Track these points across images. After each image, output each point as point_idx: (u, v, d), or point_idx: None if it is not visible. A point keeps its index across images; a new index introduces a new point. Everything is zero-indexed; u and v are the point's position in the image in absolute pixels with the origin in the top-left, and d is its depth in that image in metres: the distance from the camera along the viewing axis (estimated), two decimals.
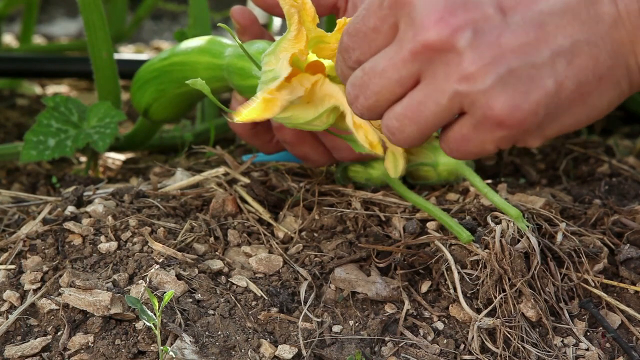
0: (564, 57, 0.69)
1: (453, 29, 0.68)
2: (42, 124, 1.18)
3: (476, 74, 0.68)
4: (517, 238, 0.94)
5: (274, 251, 0.99)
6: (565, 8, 0.68)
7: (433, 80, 0.70)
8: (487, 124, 0.70)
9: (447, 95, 0.70)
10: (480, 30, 0.68)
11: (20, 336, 0.89)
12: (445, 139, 0.75)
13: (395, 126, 0.73)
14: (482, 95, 0.69)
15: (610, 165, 1.25)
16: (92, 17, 1.19)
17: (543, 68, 0.68)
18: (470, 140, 0.73)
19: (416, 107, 0.71)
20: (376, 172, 1.06)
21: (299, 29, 0.82)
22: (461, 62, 0.68)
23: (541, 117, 0.70)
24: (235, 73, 0.98)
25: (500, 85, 0.68)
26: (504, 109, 0.69)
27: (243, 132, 1.06)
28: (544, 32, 0.68)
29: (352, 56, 0.75)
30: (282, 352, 0.86)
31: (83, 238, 0.97)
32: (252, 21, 1.04)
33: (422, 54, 0.69)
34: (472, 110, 0.70)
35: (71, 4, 2.86)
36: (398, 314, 0.92)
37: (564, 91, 0.69)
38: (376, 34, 0.73)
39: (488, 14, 0.68)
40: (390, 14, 0.71)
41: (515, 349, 0.89)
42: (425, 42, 0.69)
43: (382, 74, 0.72)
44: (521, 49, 0.68)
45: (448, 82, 0.69)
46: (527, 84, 0.68)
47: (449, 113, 0.71)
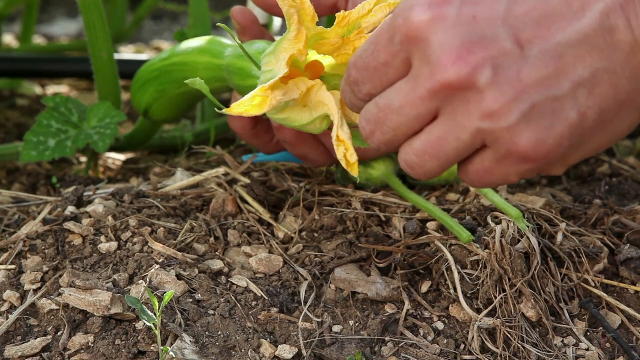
0: (585, 87, 0.68)
1: (472, 67, 0.67)
2: (42, 124, 1.18)
3: (499, 111, 0.67)
4: (517, 238, 0.94)
5: (274, 251, 0.99)
6: (583, 38, 0.68)
7: (453, 116, 0.69)
8: (512, 159, 0.70)
9: (469, 131, 0.69)
10: (499, 66, 0.67)
11: (20, 336, 0.89)
12: (465, 171, 0.74)
13: (415, 162, 0.73)
14: (506, 132, 0.68)
15: (610, 165, 1.25)
16: (92, 17, 1.19)
17: (565, 100, 0.68)
18: (494, 173, 0.72)
19: (436, 143, 0.71)
20: (376, 172, 1.06)
21: (299, 28, 0.82)
22: (482, 100, 0.68)
23: (565, 148, 0.69)
24: (235, 73, 0.98)
25: (524, 121, 0.68)
26: (529, 145, 0.68)
27: (243, 132, 1.06)
28: (563, 63, 0.68)
29: (362, 89, 0.74)
30: (282, 352, 0.86)
31: (83, 238, 0.97)
32: (252, 21, 1.04)
33: (441, 92, 0.69)
34: (495, 145, 0.70)
35: (71, 4, 2.86)
36: (398, 314, 0.92)
37: (587, 121, 0.69)
38: (387, 68, 0.72)
39: (506, 48, 0.68)
40: (402, 50, 0.70)
41: (515, 348, 0.89)
42: (444, 82, 0.68)
43: (399, 111, 0.71)
44: (542, 83, 0.68)
45: (469, 119, 0.69)
46: (550, 117, 0.68)
47: (471, 148, 0.71)
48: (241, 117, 1.04)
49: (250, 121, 1.05)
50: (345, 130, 0.81)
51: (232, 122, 1.06)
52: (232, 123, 1.06)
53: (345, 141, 0.81)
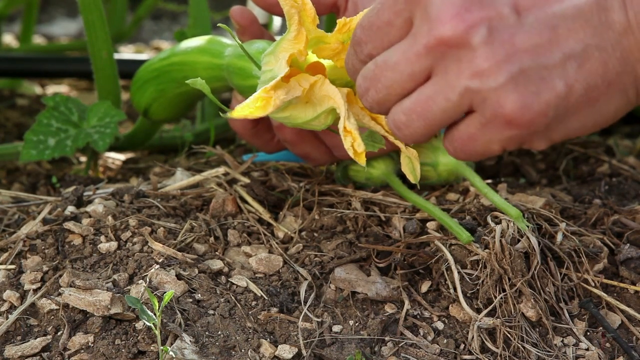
0: (575, 60, 0.70)
1: (468, 25, 0.69)
2: (42, 124, 1.18)
3: (489, 70, 0.69)
4: (517, 238, 0.94)
5: (274, 251, 0.99)
6: (578, 12, 0.69)
7: (444, 75, 0.71)
8: (496, 123, 0.71)
9: (458, 91, 0.70)
10: (494, 28, 0.69)
11: (20, 336, 0.89)
12: (451, 138, 0.75)
13: (402, 120, 0.74)
14: (493, 92, 0.69)
15: (610, 165, 1.25)
16: (92, 17, 1.19)
17: (554, 70, 0.69)
18: (477, 139, 0.73)
19: (425, 102, 0.72)
20: (376, 172, 1.06)
21: (299, 29, 0.82)
22: (474, 58, 0.69)
23: (550, 118, 0.71)
24: (235, 73, 0.98)
25: (512, 84, 0.69)
26: (515, 108, 0.70)
27: (243, 132, 1.06)
28: (556, 34, 0.69)
29: (364, 50, 0.76)
30: (282, 352, 0.86)
31: (83, 238, 0.97)
32: (251, 21, 1.04)
33: (436, 48, 0.70)
34: (481, 108, 0.71)
35: (71, 4, 2.86)
36: (398, 314, 0.92)
37: (574, 94, 0.70)
38: (390, 27, 0.74)
39: (503, 13, 0.69)
40: (406, 9, 0.72)
41: (515, 348, 0.89)
42: (440, 37, 0.70)
43: (395, 68, 0.73)
44: (534, 50, 0.69)
45: (459, 78, 0.70)
46: (538, 84, 0.69)
47: (458, 110, 0.72)
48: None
49: (251, 121, 1.05)
50: (352, 121, 0.82)
51: (232, 121, 1.06)
52: (232, 123, 1.06)
53: (353, 131, 0.82)
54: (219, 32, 1.49)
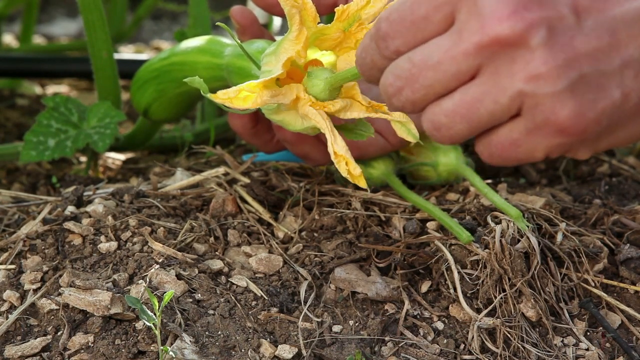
0: (633, 68, 0.66)
1: (528, 24, 0.64)
2: (42, 124, 1.18)
3: (547, 75, 0.65)
4: (517, 238, 0.94)
5: (274, 251, 0.99)
6: (638, 17, 0.66)
7: (495, 76, 0.66)
8: (546, 130, 0.67)
9: (509, 94, 0.66)
10: (554, 29, 0.65)
11: (20, 336, 0.89)
12: (487, 142, 0.70)
13: (443, 122, 0.69)
14: (549, 98, 0.65)
15: (610, 165, 1.25)
16: (92, 17, 1.19)
17: (612, 77, 0.66)
18: (520, 145, 0.69)
19: (470, 104, 0.67)
20: (376, 172, 1.06)
21: (300, 29, 0.82)
22: (532, 60, 0.65)
23: (603, 127, 0.67)
24: (234, 72, 0.98)
25: (570, 90, 0.65)
26: (570, 116, 0.66)
27: (243, 132, 1.06)
28: (616, 39, 0.66)
29: (391, 45, 0.70)
30: (282, 352, 0.86)
31: (83, 238, 0.97)
32: (251, 21, 1.03)
33: (489, 47, 0.65)
34: (531, 113, 0.67)
35: (71, 4, 2.86)
36: (398, 314, 0.92)
37: (628, 103, 0.67)
38: (426, 23, 0.68)
39: (563, 13, 0.65)
40: (448, 2, 0.67)
41: (515, 348, 0.89)
42: (496, 35, 0.65)
43: (437, 67, 0.67)
44: (594, 55, 0.66)
45: (513, 80, 0.66)
46: (596, 92, 0.66)
47: (506, 114, 0.68)
48: (241, 116, 1.04)
49: (251, 120, 1.05)
50: (340, 143, 0.80)
51: (232, 121, 1.06)
52: (232, 122, 1.06)
53: (344, 155, 0.80)
54: (219, 32, 1.49)
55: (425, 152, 1.07)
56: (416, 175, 1.09)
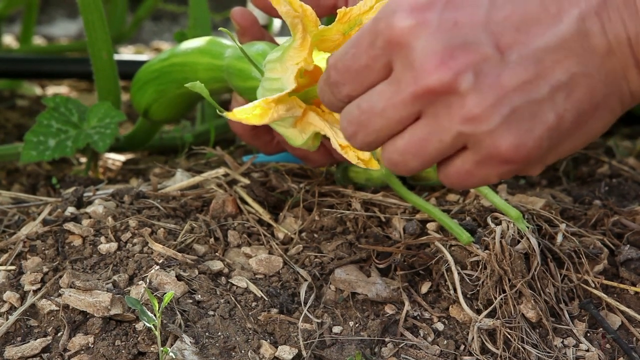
0: (563, 90, 0.70)
1: (454, 73, 0.68)
2: (42, 125, 1.18)
3: (481, 115, 0.69)
4: (517, 239, 0.94)
5: (274, 252, 0.99)
6: (560, 43, 0.69)
7: (435, 119, 0.71)
8: (492, 162, 0.71)
9: (451, 134, 0.70)
10: (480, 71, 0.68)
11: (20, 337, 0.89)
12: (446, 173, 0.75)
13: (398, 160, 0.74)
14: (487, 135, 0.69)
15: (610, 166, 1.25)
16: (92, 18, 1.19)
17: (544, 103, 0.69)
18: (474, 174, 0.73)
19: (419, 144, 0.72)
20: (376, 173, 1.06)
21: (304, 37, 0.82)
22: (464, 105, 0.69)
23: (544, 149, 0.71)
24: (235, 74, 0.98)
25: (505, 125, 0.69)
26: (510, 148, 0.70)
27: (243, 133, 1.06)
28: (542, 68, 0.69)
29: (342, 91, 0.75)
30: (282, 353, 0.86)
31: (83, 239, 0.97)
32: (252, 22, 1.04)
33: (424, 96, 0.70)
34: (476, 148, 0.71)
35: (71, 5, 2.86)
36: (398, 315, 0.92)
37: (565, 123, 0.70)
38: (368, 71, 0.73)
39: (487, 54, 0.69)
40: (384, 54, 0.71)
41: (515, 349, 0.89)
42: (427, 87, 0.69)
43: (382, 114, 0.72)
44: (522, 87, 0.69)
45: (451, 123, 0.70)
46: (530, 120, 0.69)
47: (452, 149, 0.72)
48: None
49: None
50: (342, 136, 0.82)
51: (232, 123, 1.06)
52: (232, 124, 1.06)
53: (350, 145, 0.82)
54: (219, 33, 1.49)
55: None
56: (416, 176, 1.09)
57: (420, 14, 0.69)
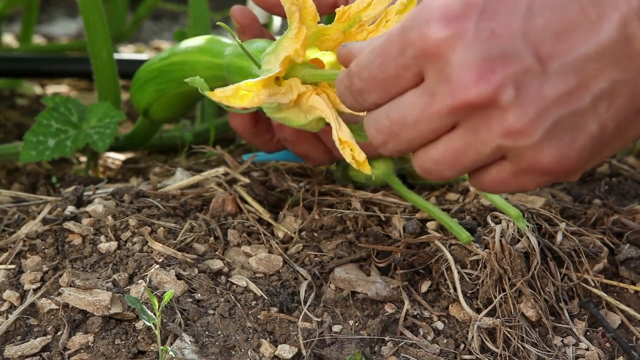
0: (606, 99, 0.68)
1: (495, 87, 0.66)
2: (42, 124, 1.18)
3: (522, 130, 0.67)
4: (517, 238, 0.94)
5: (273, 251, 0.99)
6: (602, 50, 0.67)
7: (473, 131, 0.69)
8: (533, 173, 0.70)
9: (490, 147, 0.69)
10: (521, 83, 0.66)
11: (20, 336, 0.89)
12: (480, 180, 0.73)
13: (432, 169, 0.72)
14: (529, 149, 0.68)
15: (610, 165, 1.25)
16: (92, 17, 1.19)
17: (586, 114, 0.68)
18: (511, 184, 0.72)
19: (455, 155, 0.70)
20: (376, 172, 1.06)
21: (300, 27, 0.81)
22: (505, 119, 0.67)
23: (586, 159, 0.69)
24: (235, 72, 0.98)
25: (547, 138, 0.67)
26: (552, 161, 0.68)
27: (243, 131, 1.06)
28: (584, 77, 0.67)
29: (368, 99, 0.73)
30: (282, 351, 0.86)
31: (83, 238, 0.97)
32: (252, 20, 1.04)
33: (461, 110, 0.68)
34: (516, 160, 0.69)
35: (71, 4, 2.86)
36: (398, 314, 0.92)
37: (607, 132, 0.69)
38: (397, 80, 0.70)
39: (527, 64, 0.66)
40: (415, 64, 0.69)
41: (515, 348, 0.89)
42: (466, 101, 0.67)
43: (415, 125, 0.70)
44: (564, 99, 0.67)
45: (491, 136, 0.68)
46: (573, 132, 0.68)
47: (489, 160, 0.70)
48: (241, 115, 1.04)
49: (251, 120, 1.05)
50: (345, 130, 0.81)
51: (232, 120, 1.06)
52: (232, 122, 1.06)
53: (349, 141, 0.81)
54: (219, 32, 1.49)
55: None
56: (416, 175, 1.09)
57: (456, 23, 0.67)
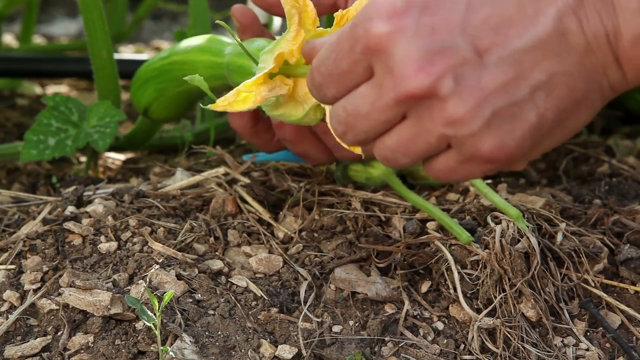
0: (543, 90, 0.70)
1: (434, 78, 0.69)
2: (42, 124, 1.18)
3: (462, 119, 0.69)
4: (517, 238, 0.94)
5: (274, 251, 0.99)
6: (538, 43, 0.70)
7: (419, 121, 0.72)
8: (475, 161, 0.72)
9: (435, 136, 0.71)
10: (460, 75, 0.69)
11: (20, 336, 0.89)
12: (431, 168, 0.76)
13: (389, 156, 0.75)
14: (469, 138, 0.70)
15: (610, 165, 1.25)
16: (92, 17, 1.19)
17: (524, 104, 0.70)
18: (458, 171, 0.75)
19: (406, 144, 0.73)
20: (376, 172, 1.06)
21: (298, 29, 0.82)
22: (445, 109, 0.69)
23: (527, 148, 0.72)
24: (235, 71, 0.98)
25: (486, 127, 0.70)
26: (492, 149, 0.71)
27: (243, 131, 1.06)
28: (521, 69, 0.70)
29: (327, 93, 0.76)
30: (282, 352, 0.86)
31: (83, 238, 0.97)
32: (252, 20, 1.04)
33: (405, 101, 0.70)
34: (459, 149, 0.72)
35: (71, 4, 2.86)
36: (398, 314, 0.92)
37: (546, 121, 0.71)
38: (350, 75, 0.74)
39: (466, 57, 0.69)
40: (364, 59, 0.72)
41: (515, 349, 0.89)
42: (408, 93, 0.70)
43: (367, 117, 0.73)
44: (502, 89, 0.69)
45: (434, 125, 0.71)
46: (511, 122, 0.70)
47: (438, 149, 0.73)
48: (241, 115, 1.04)
49: (251, 119, 1.05)
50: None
51: (232, 120, 1.06)
52: (232, 121, 1.06)
53: None
54: (219, 32, 1.49)
55: None
56: (416, 176, 1.09)
57: (397, 20, 0.70)
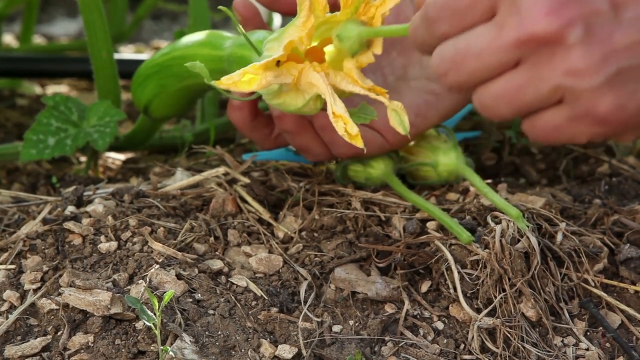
0: None
1: (564, 23, 0.66)
2: (42, 123, 1.18)
3: (585, 71, 0.67)
4: (517, 238, 0.94)
5: (274, 251, 0.99)
6: None
7: (536, 68, 0.68)
8: (588, 120, 0.69)
9: (550, 85, 0.68)
10: (591, 25, 0.66)
11: (20, 336, 0.89)
12: (533, 124, 0.72)
13: (489, 104, 0.72)
14: (588, 92, 0.67)
15: (610, 165, 1.25)
16: (92, 17, 1.19)
17: None
18: (563, 131, 0.71)
19: (514, 91, 0.70)
20: (376, 172, 1.06)
21: (308, 15, 0.81)
22: (569, 57, 0.67)
23: None
24: (236, 62, 0.98)
25: (608, 85, 0.67)
26: (610, 109, 0.67)
27: (242, 125, 1.06)
28: None
29: (439, 29, 0.72)
30: (282, 352, 0.86)
31: (83, 238, 0.97)
32: (254, 13, 1.04)
33: (527, 43, 0.67)
34: (573, 103, 0.68)
35: (71, 4, 2.86)
36: (398, 314, 0.92)
37: None
38: (469, 11, 0.70)
39: (600, 8, 0.66)
40: None
41: (515, 348, 0.89)
42: (533, 34, 0.67)
43: (479, 57, 0.70)
44: (632, 48, 0.67)
45: (552, 73, 0.68)
46: (635, 84, 0.67)
47: (547, 102, 0.70)
48: (241, 108, 1.03)
49: (250, 113, 1.04)
50: (339, 104, 0.81)
51: (231, 114, 1.05)
52: (231, 115, 1.06)
53: (342, 115, 0.81)
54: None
55: (425, 152, 1.06)
56: (416, 175, 1.09)
57: None
